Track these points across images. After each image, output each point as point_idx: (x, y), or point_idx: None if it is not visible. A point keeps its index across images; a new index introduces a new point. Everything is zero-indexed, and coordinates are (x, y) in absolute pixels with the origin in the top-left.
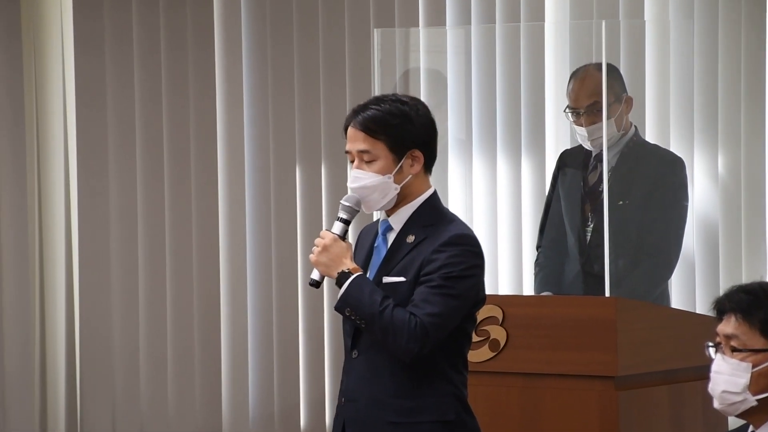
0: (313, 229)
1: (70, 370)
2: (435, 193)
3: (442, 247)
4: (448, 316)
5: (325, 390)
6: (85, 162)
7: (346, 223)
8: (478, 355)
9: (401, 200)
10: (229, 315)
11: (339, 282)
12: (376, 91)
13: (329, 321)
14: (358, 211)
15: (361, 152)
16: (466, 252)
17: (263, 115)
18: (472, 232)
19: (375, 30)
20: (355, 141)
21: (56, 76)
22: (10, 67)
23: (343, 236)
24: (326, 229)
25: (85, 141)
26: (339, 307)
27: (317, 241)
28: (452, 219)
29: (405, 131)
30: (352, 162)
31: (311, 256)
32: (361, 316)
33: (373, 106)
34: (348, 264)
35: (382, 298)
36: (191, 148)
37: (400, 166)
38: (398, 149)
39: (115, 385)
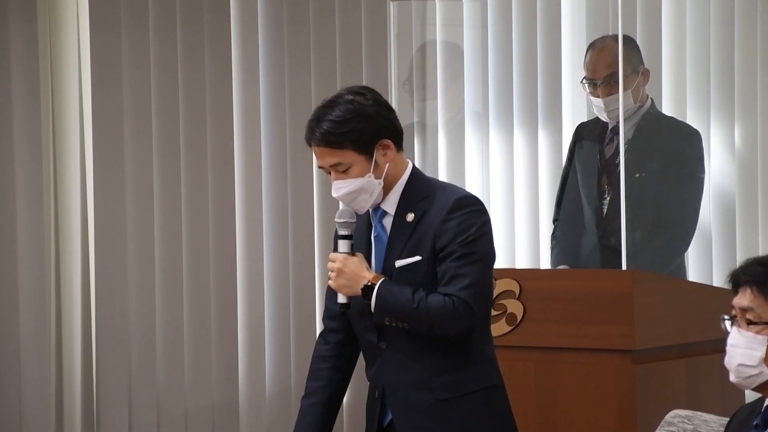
0: (329, 212)
1: (86, 349)
2: (414, 166)
3: (448, 215)
4: (483, 282)
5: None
6: (101, 153)
7: (349, 237)
8: (495, 329)
9: (388, 186)
10: (245, 291)
11: (366, 297)
12: (393, 64)
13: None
14: (355, 221)
15: (334, 165)
16: (473, 212)
17: (280, 90)
18: (469, 192)
19: (391, 3)
20: (323, 156)
21: (72, 60)
22: (26, 54)
23: (352, 250)
24: (334, 251)
25: (100, 131)
26: (377, 320)
27: (329, 266)
28: (444, 186)
29: (364, 129)
30: (329, 174)
31: (330, 282)
32: (401, 320)
33: (326, 118)
34: (367, 276)
35: (412, 293)
36: (207, 131)
37: (375, 161)
38: (366, 148)
39: (131, 360)
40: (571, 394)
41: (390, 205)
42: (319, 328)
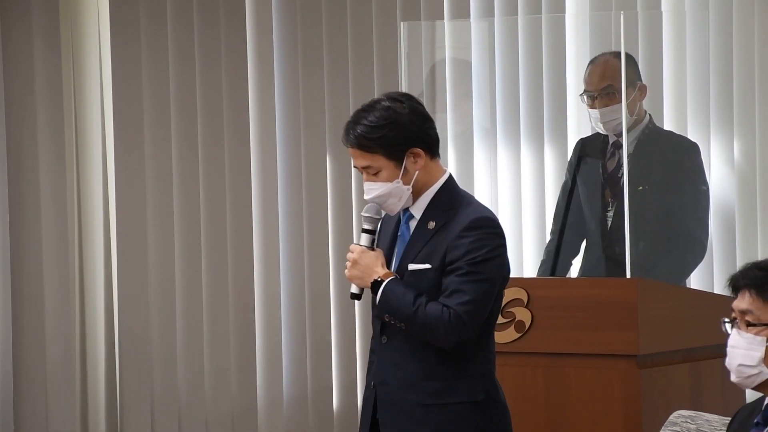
0: (344, 217)
1: (110, 357)
2: (450, 177)
3: (464, 233)
4: (481, 301)
5: (357, 372)
6: (123, 159)
7: (372, 233)
8: (504, 336)
9: (418, 191)
10: (262, 300)
11: (373, 291)
12: (404, 84)
13: (360, 304)
14: (381, 219)
15: (364, 168)
16: (488, 234)
17: (294, 109)
18: (491, 213)
19: (401, 23)
20: (356, 158)
21: (94, 66)
22: (48, 58)
23: (372, 245)
24: (355, 243)
25: (121, 136)
26: (378, 314)
27: (348, 256)
28: (470, 202)
29: (396, 136)
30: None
31: (346, 272)
32: (399, 320)
33: (361, 122)
34: (379, 272)
35: (414, 297)
36: (225, 144)
37: (404, 168)
38: (396, 154)
39: (153, 370)
40: (579, 398)
41: (417, 210)
42: (335, 335)
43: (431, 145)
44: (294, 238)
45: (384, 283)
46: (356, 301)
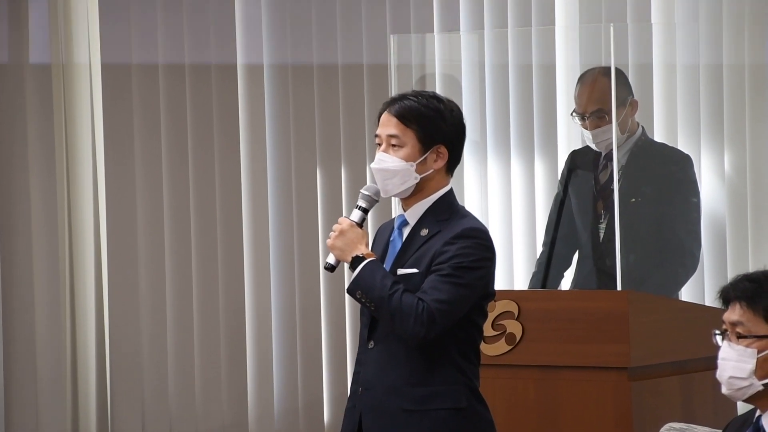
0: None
1: (101, 370)
2: (451, 190)
3: (453, 239)
4: (455, 304)
5: (348, 385)
6: (113, 165)
7: (365, 211)
8: (494, 349)
9: (418, 193)
10: (253, 313)
11: (353, 266)
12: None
13: (350, 317)
14: (377, 201)
15: (390, 136)
16: (477, 245)
17: (284, 120)
18: (484, 226)
19: (391, 36)
20: (387, 126)
21: (84, 75)
22: (40, 69)
23: (361, 224)
24: (345, 216)
25: (112, 145)
26: (351, 289)
27: (335, 226)
28: (465, 214)
29: (436, 126)
30: (379, 146)
31: (328, 240)
32: (371, 299)
33: (411, 98)
34: (363, 249)
35: (392, 282)
36: (215, 152)
37: (425, 158)
38: (426, 141)
39: (143, 383)
40: (570, 411)
41: (413, 217)
42: (325, 350)
43: (455, 157)
44: (284, 251)
45: (366, 261)
46: (346, 315)
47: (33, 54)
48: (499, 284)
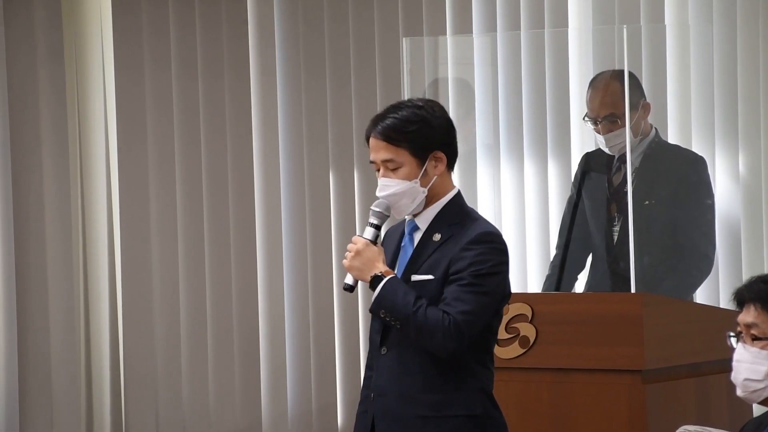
0: (346, 232)
1: (115, 374)
2: (459, 192)
3: (469, 245)
4: (480, 313)
5: (361, 388)
6: (126, 172)
7: (377, 228)
8: (508, 352)
9: (427, 201)
10: (266, 317)
11: (372, 285)
12: (407, 98)
13: (364, 320)
14: (389, 216)
15: (386, 161)
16: (493, 249)
17: (297, 124)
18: (496, 229)
19: (404, 39)
20: (378, 151)
21: (97, 72)
22: (52, 64)
23: (375, 241)
24: (358, 235)
25: (126, 150)
26: (374, 309)
27: (350, 246)
28: (476, 218)
29: (425, 135)
30: (378, 171)
31: (344, 261)
32: (396, 317)
33: (391, 115)
34: (381, 267)
35: (415, 298)
36: (228, 158)
37: (425, 170)
38: (420, 153)
39: (157, 388)
40: (584, 414)
41: (423, 222)
42: (339, 353)
43: (452, 156)
44: (297, 253)
45: (386, 279)
46: (359, 318)
47: (41, 62)
48: (513, 287)
